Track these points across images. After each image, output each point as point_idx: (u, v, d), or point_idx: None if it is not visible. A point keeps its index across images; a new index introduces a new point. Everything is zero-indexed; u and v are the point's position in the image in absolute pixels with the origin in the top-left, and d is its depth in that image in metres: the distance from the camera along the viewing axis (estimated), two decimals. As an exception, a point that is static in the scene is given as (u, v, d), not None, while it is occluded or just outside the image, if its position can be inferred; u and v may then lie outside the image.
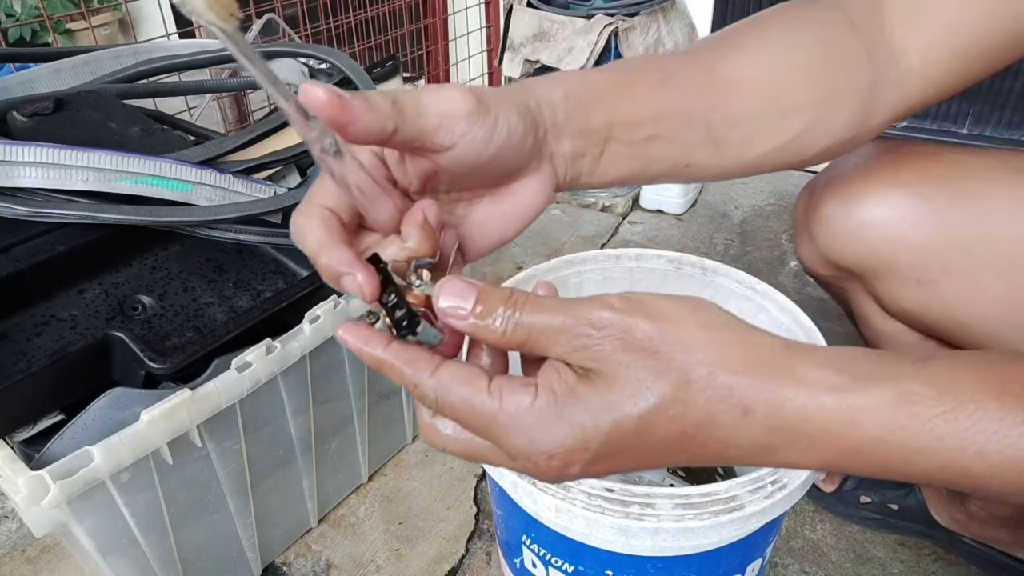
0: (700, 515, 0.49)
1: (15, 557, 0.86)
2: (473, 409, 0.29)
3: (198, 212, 0.64)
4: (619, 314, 0.28)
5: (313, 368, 0.74)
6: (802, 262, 0.65)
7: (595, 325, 0.28)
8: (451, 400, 0.29)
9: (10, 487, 0.54)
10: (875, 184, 0.55)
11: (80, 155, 0.61)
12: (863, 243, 0.55)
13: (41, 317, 0.64)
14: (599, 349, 0.28)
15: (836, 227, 0.56)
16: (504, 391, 0.29)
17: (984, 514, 0.77)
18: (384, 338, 0.30)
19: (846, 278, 0.61)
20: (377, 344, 0.30)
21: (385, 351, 0.30)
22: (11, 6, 1.86)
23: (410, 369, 0.29)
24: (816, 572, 0.82)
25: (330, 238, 0.31)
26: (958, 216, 0.51)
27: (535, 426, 0.28)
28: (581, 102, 0.37)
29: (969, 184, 0.52)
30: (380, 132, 0.29)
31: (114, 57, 0.93)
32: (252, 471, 0.73)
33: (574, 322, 0.28)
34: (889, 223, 0.53)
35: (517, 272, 0.75)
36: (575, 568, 0.58)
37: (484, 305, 0.29)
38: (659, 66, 0.41)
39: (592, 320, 0.28)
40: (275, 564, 0.85)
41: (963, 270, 0.52)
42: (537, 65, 1.49)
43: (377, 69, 0.93)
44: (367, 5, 1.71)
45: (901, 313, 0.58)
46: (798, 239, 0.63)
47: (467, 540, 0.87)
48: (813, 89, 0.43)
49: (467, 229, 0.37)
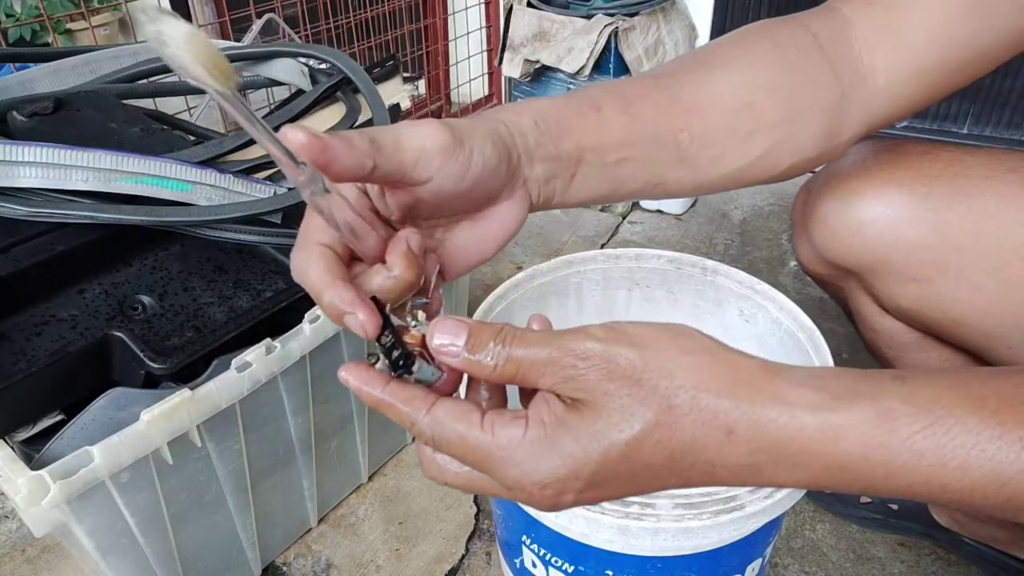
0: (700, 515, 0.49)
1: (15, 557, 0.86)
2: (467, 444, 0.30)
3: (198, 212, 0.64)
4: (603, 344, 0.29)
5: (313, 368, 0.74)
6: (800, 261, 0.65)
7: (580, 356, 0.29)
8: (447, 436, 0.30)
9: (10, 487, 0.54)
10: (872, 183, 0.55)
11: (80, 155, 0.61)
12: (860, 242, 0.55)
13: (41, 317, 0.64)
14: (585, 379, 0.29)
15: (833, 226, 0.56)
16: (496, 425, 0.30)
17: (984, 514, 0.77)
18: (383, 379, 0.31)
19: (844, 277, 0.61)
20: (376, 384, 0.31)
21: (383, 391, 0.31)
22: (11, 6, 1.86)
23: (407, 408, 0.31)
24: (816, 572, 0.82)
25: (331, 277, 0.32)
26: (953, 215, 0.52)
27: (527, 458, 0.29)
28: (550, 128, 0.38)
29: (965, 183, 0.52)
30: (360, 169, 0.30)
31: (114, 57, 0.93)
32: (252, 471, 0.73)
33: (560, 354, 0.29)
34: (885, 222, 0.54)
35: (517, 272, 0.75)
36: (575, 568, 0.58)
37: (475, 341, 0.30)
38: (623, 93, 0.42)
39: (577, 351, 0.29)
40: (275, 564, 0.85)
41: (958, 268, 0.52)
42: (537, 65, 1.49)
43: (377, 69, 0.93)
44: (367, 5, 1.70)
45: (899, 311, 0.58)
46: (796, 239, 0.63)
47: (467, 540, 0.87)
48: (777, 109, 0.44)
49: (447, 252, 0.38)
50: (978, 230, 0.51)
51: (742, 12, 1.62)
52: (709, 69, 0.44)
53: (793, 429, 0.28)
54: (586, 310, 0.81)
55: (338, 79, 0.85)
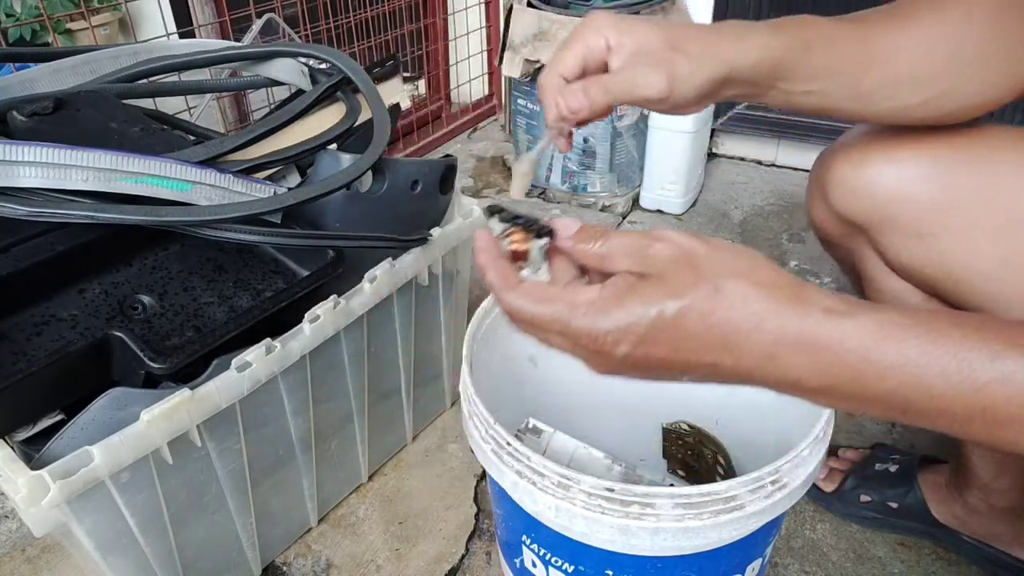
0: (700, 515, 0.49)
1: (15, 557, 0.86)
2: (549, 298, 0.38)
3: (198, 212, 0.64)
4: (676, 235, 0.37)
5: (313, 368, 0.74)
6: (814, 224, 0.67)
7: (657, 238, 0.37)
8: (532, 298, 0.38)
9: (10, 487, 0.54)
10: (885, 143, 0.58)
11: (80, 155, 0.61)
12: (870, 196, 0.58)
13: (41, 317, 0.64)
14: (656, 256, 0.36)
15: (846, 182, 0.59)
16: (575, 289, 0.38)
17: (984, 506, 0.77)
18: (495, 253, 0.40)
19: (854, 236, 0.63)
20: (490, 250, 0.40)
21: (487, 256, 0.40)
22: (11, 6, 1.86)
23: (503, 281, 0.39)
24: (816, 572, 0.82)
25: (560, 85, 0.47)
26: (961, 174, 0.54)
27: (598, 312, 0.36)
28: (763, 69, 0.48)
29: (975, 145, 0.54)
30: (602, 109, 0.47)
31: (114, 57, 0.93)
32: (252, 471, 0.73)
33: (642, 239, 0.37)
34: (895, 176, 0.56)
35: (517, 272, 0.75)
36: (575, 568, 0.58)
37: (583, 232, 0.39)
38: (830, 35, 0.50)
39: (656, 236, 0.37)
40: (275, 564, 0.85)
41: (960, 226, 0.54)
42: (537, 65, 1.49)
43: (377, 69, 0.93)
44: (367, 5, 1.70)
45: (901, 268, 0.59)
46: (811, 201, 0.65)
47: (467, 540, 0.87)
48: (948, 60, 0.49)
49: None
50: (985, 192, 0.53)
51: (742, 11, 1.62)
52: (901, 19, 0.50)
53: (808, 327, 0.34)
54: (586, 310, 0.81)
55: (338, 79, 0.85)
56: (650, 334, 0.35)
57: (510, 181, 1.76)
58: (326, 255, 0.75)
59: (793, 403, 0.70)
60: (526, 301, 0.38)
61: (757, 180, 1.73)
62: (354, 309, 0.76)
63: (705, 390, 0.82)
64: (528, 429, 0.72)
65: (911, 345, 0.32)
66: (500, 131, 2.03)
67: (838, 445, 0.96)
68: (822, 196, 0.62)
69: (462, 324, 0.99)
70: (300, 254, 0.76)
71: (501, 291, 0.39)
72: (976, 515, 0.79)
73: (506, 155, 1.87)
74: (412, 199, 0.83)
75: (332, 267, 0.74)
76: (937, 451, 0.94)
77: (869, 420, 1.03)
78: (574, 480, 0.51)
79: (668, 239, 0.37)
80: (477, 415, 0.57)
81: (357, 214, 0.79)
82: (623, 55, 0.47)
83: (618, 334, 0.36)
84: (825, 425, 0.55)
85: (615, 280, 0.37)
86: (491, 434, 0.56)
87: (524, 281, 0.39)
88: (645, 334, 0.35)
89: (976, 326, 0.32)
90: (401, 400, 0.95)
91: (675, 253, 0.36)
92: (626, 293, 0.36)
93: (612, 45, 0.47)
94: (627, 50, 0.47)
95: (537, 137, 1.61)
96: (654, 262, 0.36)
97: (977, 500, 0.77)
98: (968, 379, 0.31)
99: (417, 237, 0.82)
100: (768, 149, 1.79)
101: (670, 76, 0.45)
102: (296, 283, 0.73)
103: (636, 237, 0.38)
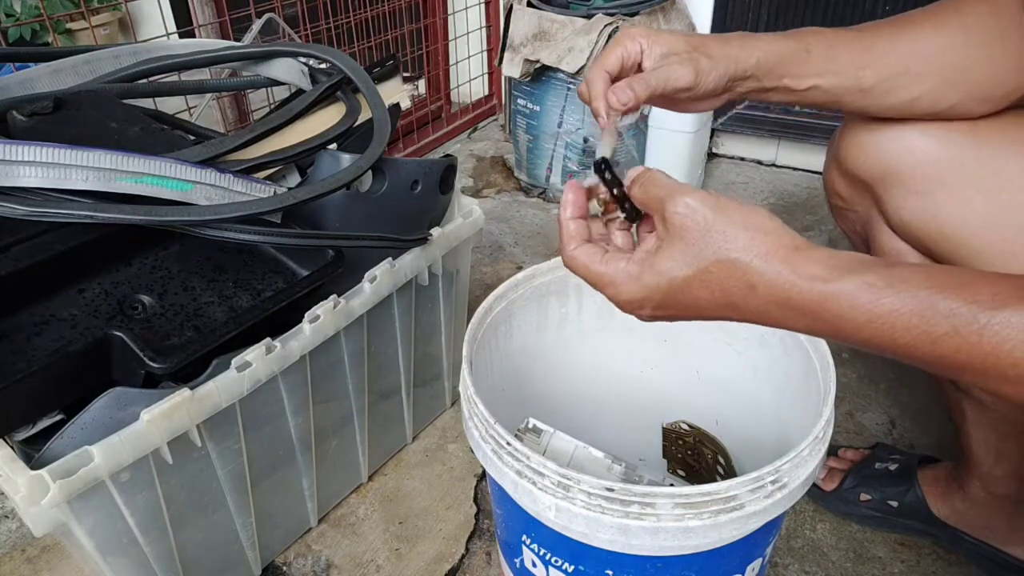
0: (700, 514, 0.49)
1: (15, 557, 0.86)
2: (590, 270, 0.46)
3: (198, 212, 0.64)
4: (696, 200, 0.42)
5: (313, 368, 0.74)
6: (827, 188, 0.72)
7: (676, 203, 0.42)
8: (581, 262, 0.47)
9: (10, 487, 0.54)
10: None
11: (80, 154, 0.61)
12: (876, 153, 0.63)
13: (41, 316, 0.64)
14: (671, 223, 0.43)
15: (858, 142, 0.65)
16: (610, 259, 0.46)
17: (983, 495, 0.78)
18: (577, 212, 0.48)
19: (862, 197, 0.68)
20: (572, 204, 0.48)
21: (566, 219, 0.48)
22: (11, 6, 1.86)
23: (569, 237, 0.47)
24: (816, 572, 0.82)
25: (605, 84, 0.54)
26: (961, 136, 0.59)
27: (624, 282, 0.45)
28: (767, 66, 0.56)
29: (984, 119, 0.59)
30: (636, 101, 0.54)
31: (114, 57, 0.93)
32: (252, 471, 0.73)
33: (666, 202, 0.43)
34: (900, 136, 0.61)
35: (517, 271, 0.75)
36: (575, 568, 0.58)
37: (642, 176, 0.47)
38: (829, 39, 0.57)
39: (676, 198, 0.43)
40: (275, 564, 0.85)
41: (956, 184, 0.59)
42: (537, 65, 1.49)
43: (377, 69, 0.93)
44: (367, 5, 1.70)
45: (901, 225, 0.64)
46: (827, 171, 0.71)
47: (467, 540, 0.87)
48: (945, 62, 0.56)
49: None
50: (979, 153, 0.58)
51: (742, 11, 1.62)
52: (901, 26, 0.57)
53: (794, 291, 0.40)
54: (586, 310, 0.81)
55: (338, 79, 0.85)
56: (665, 301, 0.44)
57: (512, 181, 1.76)
58: (326, 255, 0.75)
59: (793, 403, 0.71)
60: (580, 261, 0.47)
61: (757, 180, 1.73)
62: (354, 309, 0.76)
63: (705, 390, 0.83)
64: (528, 429, 0.72)
65: (882, 305, 0.38)
66: (500, 131, 2.03)
67: (838, 445, 0.96)
68: (835, 157, 0.68)
69: (462, 324, 0.99)
70: (300, 254, 0.76)
71: (567, 243, 0.47)
72: (975, 507, 0.79)
73: (506, 155, 1.87)
74: (412, 199, 0.83)
75: (332, 267, 0.74)
76: (937, 452, 0.94)
77: (869, 420, 1.03)
78: (574, 480, 0.51)
79: (684, 206, 0.42)
80: (477, 415, 0.57)
81: (357, 214, 0.79)
82: (654, 56, 0.57)
83: (640, 302, 0.44)
84: (825, 425, 0.55)
85: (638, 254, 0.45)
86: (491, 434, 0.56)
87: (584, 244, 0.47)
88: (661, 301, 0.44)
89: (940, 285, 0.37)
90: (401, 400, 0.95)
91: (686, 222, 0.42)
92: (644, 269, 0.44)
93: (645, 49, 0.57)
94: (658, 52, 0.56)
95: (537, 137, 1.61)
96: (670, 227, 0.43)
97: (977, 489, 0.78)
98: (925, 333, 0.37)
99: (417, 237, 0.82)
100: (768, 149, 1.79)
101: (696, 70, 0.55)
102: (296, 283, 0.73)
103: (662, 194, 0.44)
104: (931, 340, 0.37)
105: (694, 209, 0.42)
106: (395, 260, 0.80)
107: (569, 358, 0.84)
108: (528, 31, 1.49)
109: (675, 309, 0.44)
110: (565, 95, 1.52)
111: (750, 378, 0.77)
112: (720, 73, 0.56)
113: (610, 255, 0.46)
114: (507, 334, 0.76)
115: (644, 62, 0.57)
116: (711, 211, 0.42)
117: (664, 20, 1.53)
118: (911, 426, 1.02)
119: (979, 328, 0.35)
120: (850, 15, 1.52)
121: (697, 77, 0.55)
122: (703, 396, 0.82)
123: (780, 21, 1.59)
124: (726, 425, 0.82)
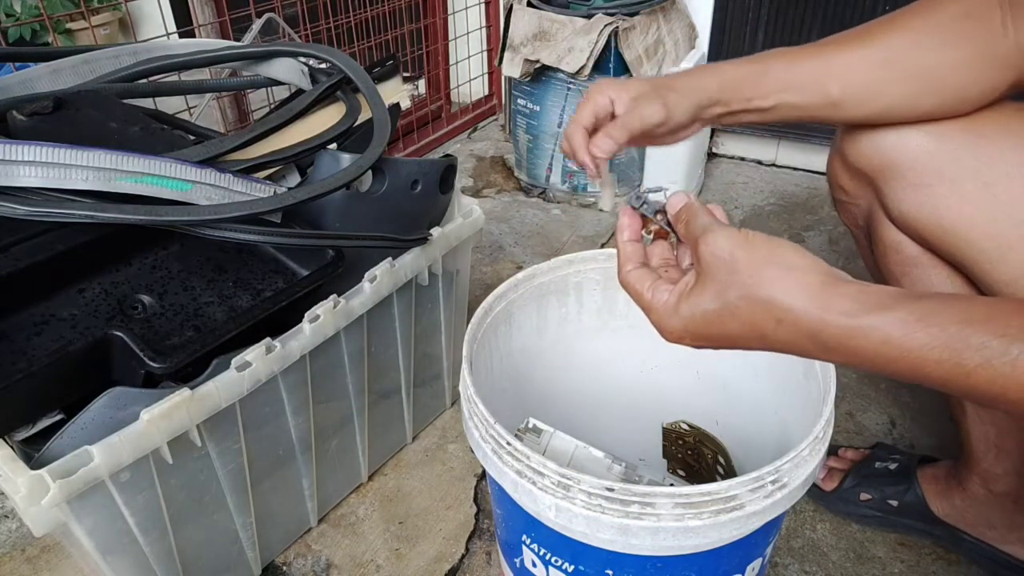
0: (700, 514, 0.49)
1: (15, 557, 0.86)
2: (640, 296, 0.49)
3: (198, 212, 0.64)
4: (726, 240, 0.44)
5: (313, 368, 0.74)
6: (830, 182, 0.73)
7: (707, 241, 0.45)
8: (633, 286, 0.49)
9: (10, 486, 0.54)
10: None
11: (80, 154, 0.61)
12: (877, 146, 0.64)
13: (41, 316, 0.64)
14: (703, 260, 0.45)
15: (859, 135, 0.66)
16: (655, 290, 0.48)
17: (983, 492, 0.78)
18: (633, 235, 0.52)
19: (864, 190, 0.68)
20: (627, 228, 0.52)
21: (623, 242, 0.52)
22: (11, 6, 1.86)
23: (624, 260, 0.51)
24: (816, 572, 0.82)
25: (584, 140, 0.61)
26: (958, 129, 0.60)
27: (664, 314, 0.47)
28: (728, 90, 0.60)
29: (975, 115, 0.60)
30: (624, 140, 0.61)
31: (114, 57, 0.93)
32: (252, 471, 0.73)
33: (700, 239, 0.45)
34: (899, 128, 0.62)
35: (517, 271, 0.75)
36: (575, 568, 0.58)
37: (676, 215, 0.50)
38: (789, 57, 0.60)
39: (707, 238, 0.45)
40: (275, 564, 0.85)
41: (954, 176, 0.60)
42: (537, 65, 1.49)
43: (377, 69, 0.93)
44: (367, 5, 1.70)
45: (900, 218, 0.64)
46: (830, 164, 0.72)
47: (467, 540, 0.87)
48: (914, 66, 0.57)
49: None
50: (976, 146, 0.59)
51: (742, 11, 1.62)
52: (869, 35, 0.58)
53: (822, 326, 0.40)
54: (586, 309, 0.81)
55: (338, 79, 0.85)
56: (702, 332, 0.45)
57: (512, 181, 1.76)
58: (326, 255, 0.75)
59: (793, 403, 0.71)
60: (632, 285, 0.49)
61: (757, 180, 1.73)
62: (354, 309, 0.76)
63: (705, 390, 0.83)
64: (528, 429, 0.72)
65: (914, 339, 0.38)
66: (500, 131, 2.03)
67: (838, 445, 0.96)
68: (838, 150, 0.69)
69: (462, 324, 0.99)
70: (300, 254, 0.76)
71: (623, 264, 0.50)
72: (975, 505, 0.79)
73: (506, 155, 1.87)
74: (412, 199, 0.83)
75: (332, 267, 0.74)
76: (937, 451, 0.94)
77: (869, 420, 1.03)
78: (574, 480, 0.51)
79: (713, 245, 0.44)
80: (477, 415, 0.57)
81: (357, 214, 0.79)
82: (625, 102, 0.61)
83: (680, 333, 0.47)
84: (825, 425, 0.55)
85: (678, 288, 0.47)
86: (491, 434, 0.56)
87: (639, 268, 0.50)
88: (698, 333, 0.46)
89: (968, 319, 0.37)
90: (401, 400, 0.95)
91: (715, 260, 0.44)
92: (681, 302, 0.46)
93: (614, 98, 0.61)
94: (627, 98, 0.61)
95: (537, 136, 1.61)
96: (703, 262, 0.45)
97: (976, 487, 0.78)
98: (958, 366, 0.37)
99: (417, 237, 0.82)
100: (768, 149, 1.79)
101: (665, 105, 0.59)
102: (296, 283, 0.73)
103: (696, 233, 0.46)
104: (964, 373, 0.37)
105: (722, 248, 0.44)
106: (395, 260, 0.80)
107: (569, 358, 0.84)
108: (528, 31, 1.49)
109: (713, 340, 0.46)
110: (565, 95, 1.52)
111: (750, 378, 0.77)
112: (688, 104, 0.60)
113: (656, 284, 0.48)
114: (507, 334, 0.76)
115: (616, 110, 0.61)
116: (738, 249, 0.43)
117: (664, 20, 1.53)
118: (911, 426, 1.02)
119: (1012, 360, 0.36)
120: (850, 15, 1.51)
121: (667, 111, 0.59)
122: (703, 396, 0.82)
123: (780, 21, 1.59)
124: (726, 425, 0.82)
